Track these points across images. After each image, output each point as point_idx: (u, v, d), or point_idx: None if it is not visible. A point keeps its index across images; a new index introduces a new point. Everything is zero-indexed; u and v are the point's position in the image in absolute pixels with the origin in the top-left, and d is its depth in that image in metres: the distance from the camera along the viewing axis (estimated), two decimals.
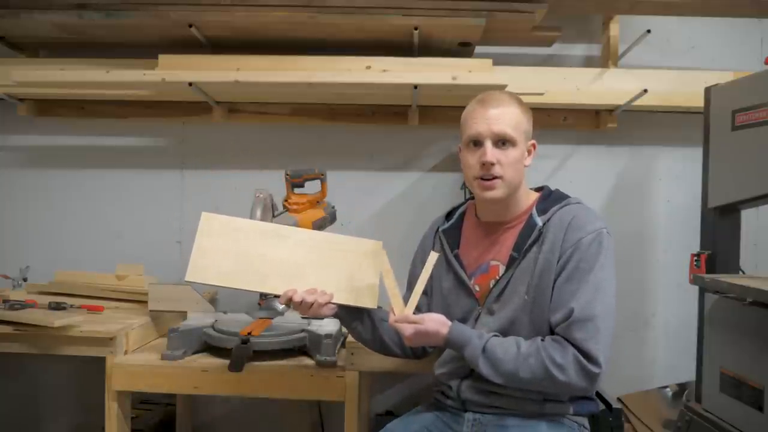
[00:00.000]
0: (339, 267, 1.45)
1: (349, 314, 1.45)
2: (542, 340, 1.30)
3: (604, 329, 1.27)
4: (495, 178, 1.34)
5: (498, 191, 1.35)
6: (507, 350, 1.29)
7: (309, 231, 1.60)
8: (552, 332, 1.32)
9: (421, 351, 1.53)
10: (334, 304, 1.40)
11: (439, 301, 1.47)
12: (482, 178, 1.35)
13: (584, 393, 1.33)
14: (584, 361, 1.25)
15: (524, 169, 1.40)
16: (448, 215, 1.55)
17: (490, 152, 1.33)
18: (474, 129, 1.36)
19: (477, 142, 1.36)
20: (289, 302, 1.38)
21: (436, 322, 1.32)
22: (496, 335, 1.33)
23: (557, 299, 1.31)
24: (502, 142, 1.34)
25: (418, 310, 1.40)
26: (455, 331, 1.32)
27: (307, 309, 1.37)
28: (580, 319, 1.26)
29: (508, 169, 1.34)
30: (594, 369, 1.25)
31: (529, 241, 1.35)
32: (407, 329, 1.30)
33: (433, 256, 1.36)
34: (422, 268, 1.50)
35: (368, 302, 1.43)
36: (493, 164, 1.33)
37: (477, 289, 1.42)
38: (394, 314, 1.32)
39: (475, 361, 1.30)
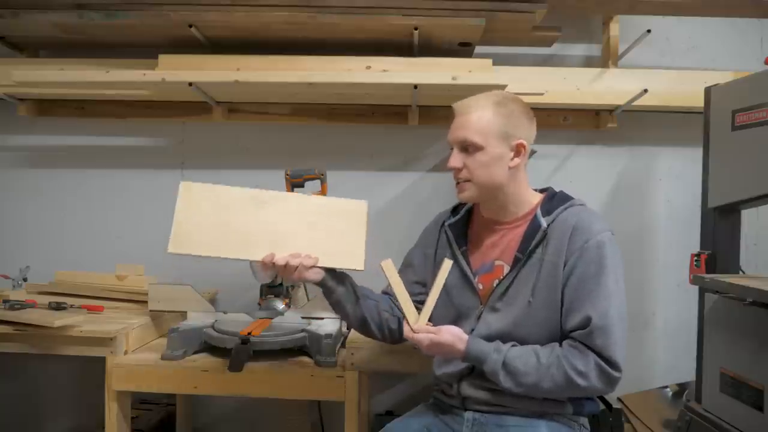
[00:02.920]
0: (324, 229, 1.41)
1: (334, 282, 1.42)
2: (560, 346, 1.31)
3: (621, 333, 1.28)
4: (463, 181, 1.39)
5: (467, 193, 1.40)
6: (527, 362, 1.29)
7: (291, 194, 1.55)
8: (563, 336, 1.32)
9: (399, 335, 1.51)
10: (319, 267, 1.38)
11: (443, 296, 1.46)
12: (456, 181, 1.42)
13: (604, 394, 1.35)
14: (606, 367, 1.26)
15: (507, 170, 1.38)
16: (454, 210, 1.56)
17: (453, 158, 1.39)
18: (447, 137, 1.43)
19: (452, 148, 1.42)
20: (271, 267, 1.36)
21: (452, 335, 1.32)
22: (514, 344, 1.33)
23: (571, 305, 1.31)
24: (466, 147, 1.38)
25: (421, 305, 1.39)
26: (473, 346, 1.31)
27: (292, 272, 1.35)
28: (599, 326, 1.26)
29: (476, 171, 1.37)
30: (615, 374, 1.26)
31: (534, 243, 1.36)
32: (424, 340, 1.30)
33: (446, 264, 1.36)
34: (422, 257, 1.54)
35: (355, 264, 1.40)
36: (458, 169, 1.39)
37: (480, 287, 1.42)
38: (409, 324, 1.32)
39: (495, 375, 1.30)
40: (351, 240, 1.42)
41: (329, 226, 1.42)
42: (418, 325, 1.31)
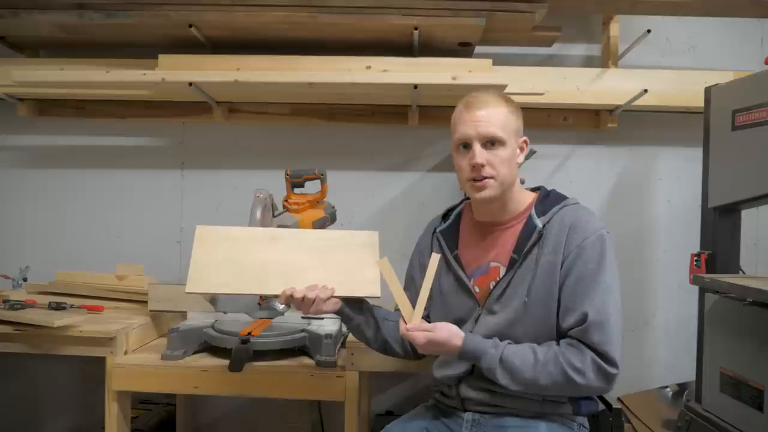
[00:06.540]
0: (337, 262, 1.44)
1: (352, 310, 1.42)
2: (557, 344, 1.30)
3: (618, 330, 1.28)
4: (486, 178, 1.34)
5: (490, 191, 1.35)
6: (524, 359, 1.29)
7: (303, 231, 1.59)
8: (561, 335, 1.32)
9: None
10: (336, 297, 1.38)
11: (439, 302, 1.47)
12: (474, 180, 1.36)
13: (603, 393, 1.34)
14: (603, 364, 1.25)
15: (517, 168, 1.40)
16: (445, 216, 1.55)
17: (479, 154, 1.33)
18: (462, 132, 1.36)
19: (466, 145, 1.36)
20: (290, 300, 1.36)
21: (448, 331, 1.31)
22: (510, 343, 1.33)
23: (568, 303, 1.30)
24: (491, 142, 1.35)
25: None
26: (470, 342, 1.31)
27: (309, 305, 1.35)
28: (596, 322, 1.26)
29: (500, 168, 1.34)
30: (612, 370, 1.26)
31: (530, 243, 1.35)
32: (419, 338, 1.29)
33: (434, 258, 1.35)
34: (420, 270, 1.49)
35: (372, 291, 1.41)
36: (483, 165, 1.33)
37: (477, 290, 1.41)
38: (405, 323, 1.31)
39: (492, 371, 1.29)
40: (365, 269, 1.43)
41: (343, 259, 1.45)
42: (412, 323, 1.30)
